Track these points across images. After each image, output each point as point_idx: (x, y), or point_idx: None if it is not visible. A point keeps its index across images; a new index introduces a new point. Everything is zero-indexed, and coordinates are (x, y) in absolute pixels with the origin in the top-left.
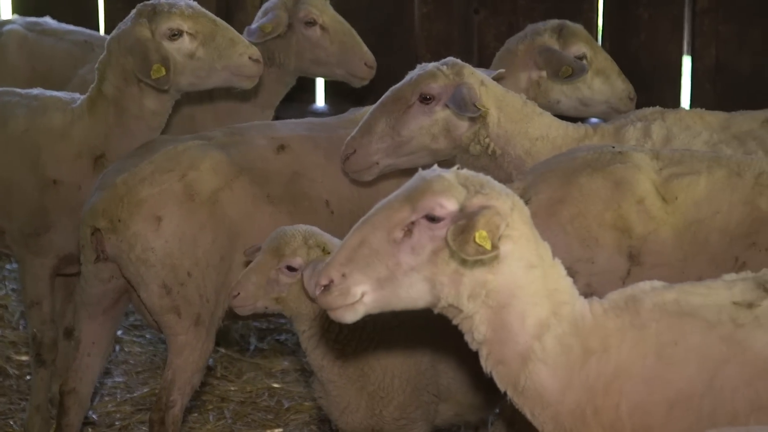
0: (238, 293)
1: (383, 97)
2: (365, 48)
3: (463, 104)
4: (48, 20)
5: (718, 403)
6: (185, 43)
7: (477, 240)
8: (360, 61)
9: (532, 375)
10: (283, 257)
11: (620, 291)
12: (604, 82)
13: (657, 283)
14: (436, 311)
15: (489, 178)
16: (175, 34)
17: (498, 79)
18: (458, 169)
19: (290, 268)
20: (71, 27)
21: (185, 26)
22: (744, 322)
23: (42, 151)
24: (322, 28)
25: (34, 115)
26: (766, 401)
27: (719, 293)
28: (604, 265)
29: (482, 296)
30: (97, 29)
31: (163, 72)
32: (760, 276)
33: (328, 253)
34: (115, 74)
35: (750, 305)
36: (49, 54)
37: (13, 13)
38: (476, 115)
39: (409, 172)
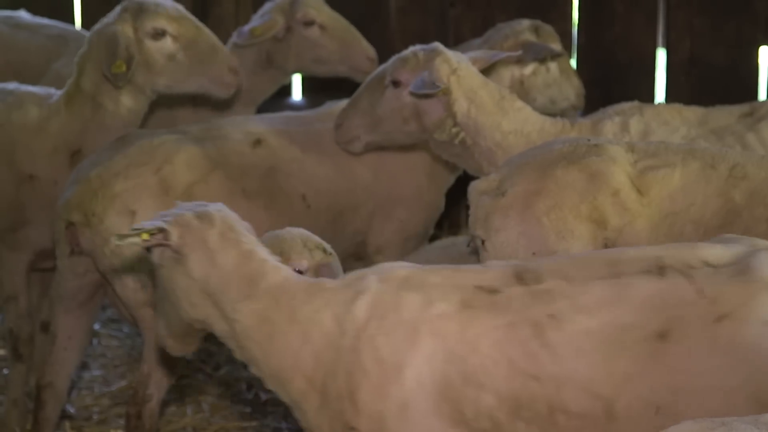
0: None
1: (372, 74)
2: (365, 42)
3: (422, 85)
4: (22, 14)
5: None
6: (167, 44)
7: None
8: (362, 55)
9: (244, 350)
10: (289, 260)
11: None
12: (566, 80)
13: (405, 264)
14: None
15: (205, 206)
16: (159, 34)
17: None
18: None
19: (297, 272)
20: (46, 21)
21: (169, 28)
22: (476, 305)
23: (18, 146)
24: (321, 27)
25: (9, 110)
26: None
27: (465, 276)
28: None
29: None
30: (73, 23)
31: (123, 69)
32: (520, 264)
33: (330, 254)
34: (94, 68)
35: (493, 291)
36: (23, 48)
37: None
38: (434, 91)
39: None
